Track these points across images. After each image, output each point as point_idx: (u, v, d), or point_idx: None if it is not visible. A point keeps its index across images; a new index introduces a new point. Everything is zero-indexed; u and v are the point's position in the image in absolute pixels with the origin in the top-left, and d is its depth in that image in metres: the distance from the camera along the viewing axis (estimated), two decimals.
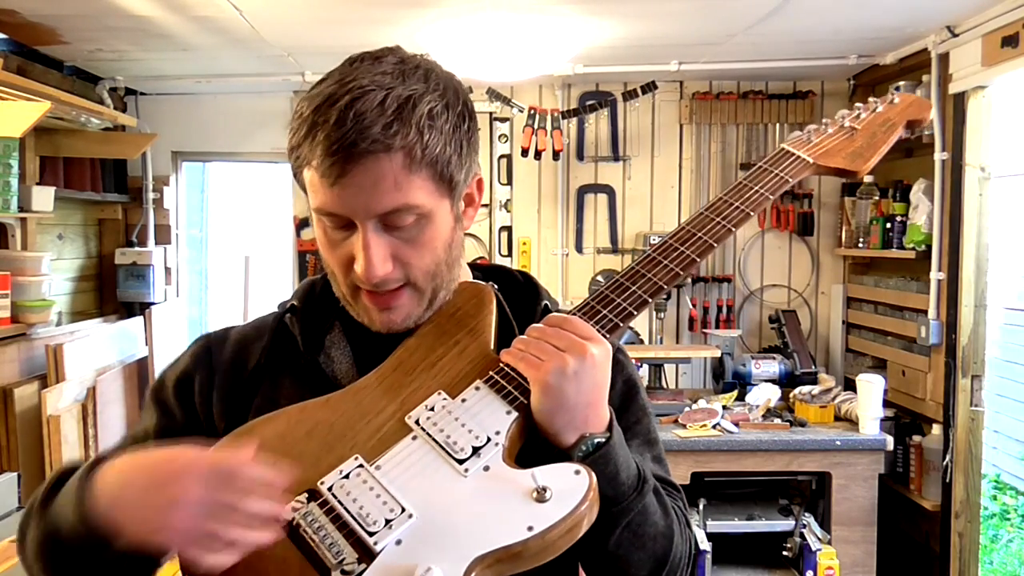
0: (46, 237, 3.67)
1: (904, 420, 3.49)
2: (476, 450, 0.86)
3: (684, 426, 3.23)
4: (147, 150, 4.07)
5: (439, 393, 0.92)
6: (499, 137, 4.23)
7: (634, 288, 0.97)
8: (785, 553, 3.19)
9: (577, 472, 0.84)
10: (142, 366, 3.83)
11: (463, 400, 0.91)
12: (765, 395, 3.46)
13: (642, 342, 4.16)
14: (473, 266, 1.10)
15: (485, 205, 4.24)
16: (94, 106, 3.55)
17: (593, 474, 0.83)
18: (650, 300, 0.96)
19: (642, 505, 0.90)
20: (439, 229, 0.95)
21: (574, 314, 0.94)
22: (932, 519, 3.29)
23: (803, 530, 3.15)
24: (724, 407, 3.40)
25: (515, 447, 0.89)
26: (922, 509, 3.31)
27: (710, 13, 3.05)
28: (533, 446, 0.89)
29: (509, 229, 4.27)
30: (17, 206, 3.14)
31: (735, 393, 3.61)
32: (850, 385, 3.57)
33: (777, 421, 3.27)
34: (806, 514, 3.21)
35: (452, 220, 0.97)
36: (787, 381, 3.67)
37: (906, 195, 3.51)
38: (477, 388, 0.92)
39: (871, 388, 3.17)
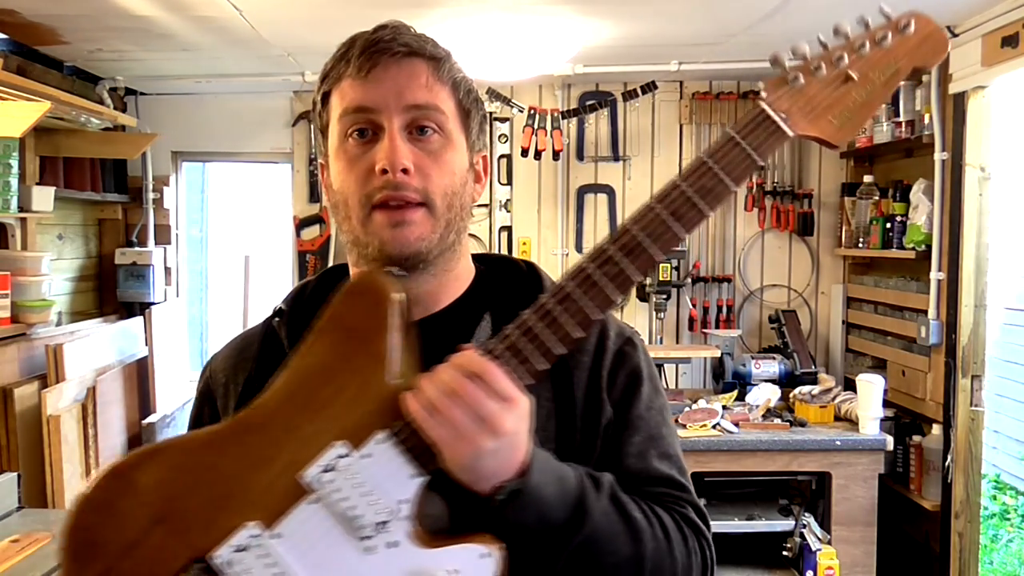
0: (46, 237, 3.67)
1: (904, 420, 3.49)
2: (381, 524, 0.80)
3: (684, 426, 3.23)
4: (147, 150, 4.07)
5: (337, 445, 0.82)
6: (499, 137, 4.23)
7: (563, 319, 0.83)
8: (785, 553, 3.19)
9: (484, 556, 0.81)
10: (142, 366, 3.83)
11: (364, 457, 0.81)
12: (765, 395, 3.46)
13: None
14: (476, 256, 1.08)
15: (485, 205, 4.24)
16: (94, 106, 3.55)
17: (501, 557, 0.81)
18: (583, 334, 0.84)
19: (584, 538, 0.85)
20: (457, 158, 0.97)
21: (496, 354, 0.83)
22: (932, 519, 3.28)
23: (803, 530, 3.15)
24: (724, 407, 3.40)
25: (423, 508, 0.83)
26: (922, 509, 3.31)
27: (710, 13, 3.05)
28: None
29: (509, 229, 4.27)
30: (17, 206, 3.14)
31: (735, 393, 3.61)
32: (850, 385, 3.57)
33: (777, 421, 3.27)
34: (806, 514, 3.21)
35: (467, 163, 0.99)
36: (787, 381, 3.67)
37: (906, 195, 3.51)
38: (380, 442, 0.82)
39: (871, 388, 3.17)
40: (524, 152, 4.03)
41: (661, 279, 3.90)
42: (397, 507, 0.81)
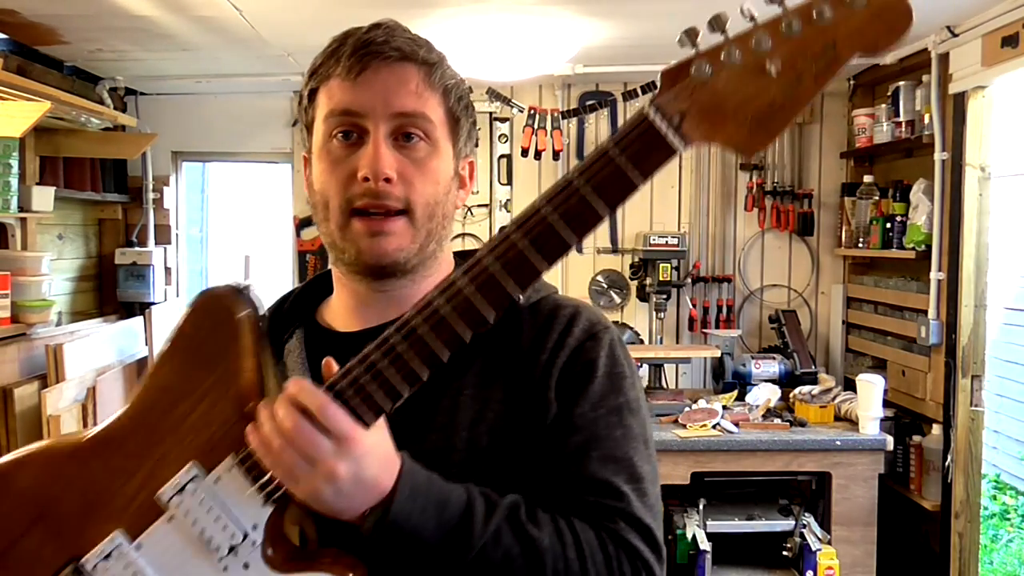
0: (46, 237, 3.67)
1: (904, 420, 3.49)
2: (233, 548, 0.80)
3: (684, 426, 3.23)
4: (147, 150, 4.07)
5: (191, 467, 0.82)
6: (499, 137, 4.23)
7: (408, 356, 0.78)
8: (785, 553, 3.19)
9: None
10: (142, 366, 3.83)
11: (216, 480, 0.81)
12: (765, 395, 3.46)
13: (642, 342, 4.16)
14: (457, 254, 1.05)
15: (485, 205, 4.24)
16: (94, 106, 3.55)
17: None
18: (428, 373, 0.78)
19: (469, 563, 0.82)
20: (442, 166, 0.95)
21: (337, 389, 0.79)
22: (932, 519, 3.28)
23: (803, 530, 3.15)
24: (724, 407, 3.40)
25: (278, 531, 0.82)
26: (922, 509, 3.31)
27: (710, 13, 3.04)
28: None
29: None
30: (17, 206, 3.14)
31: (735, 393, 3.61)
32: (850, 385, 3.57)
33: (777, 421, 3.27)
34: (806, 514, 3.21)
35: (452, 171, 0.98)
36: (787, 381, 3.67)
37: (906, 195, 3.51)
38: (228, 468, 0.81)
39: (871, 388, 3.17)
40: (524, 152, 4.03)
41: (661, 279, 3.90)
42: (250, 531, 0.80)
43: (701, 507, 3.21)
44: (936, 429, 3.25)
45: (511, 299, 0.77)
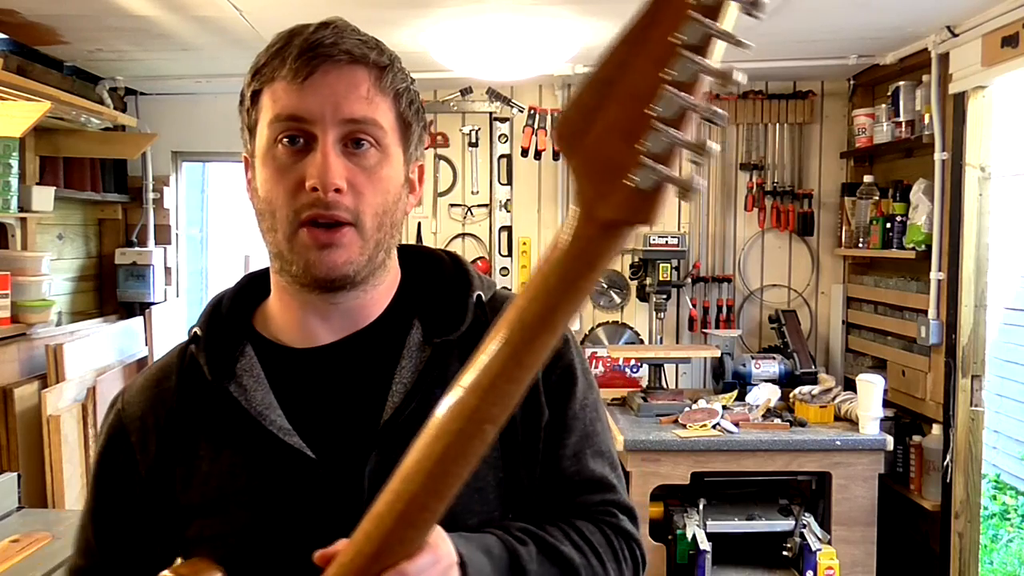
0: (46, 237, 3.67)
1: (904, 420, 3.49)
2: None
3: (684, 426, 3.23)
4: (147, 150, 4.07)
5: None
6: (499, 137, 4.23)
7: None
8: (785, 553, 3.19)
9: None
10: (142, 366, 3.83)
11: None
12: (765, 395, 3.46)
13: (642, 342, 4.16)
14: (400, 249, 1.02)
15: (485, 205, 4.24)
16: (94, 106, 3.55)
17: None
18: None
19: None
20: (393, 173, 0.92)
21: None
22: (932, 519, 3.28)
23: (803, 530, 3.15)
24: (724, 407, 3.40)
25: None
26: (922, 509, 3.31)
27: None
28: None
29: (509, 229, 4.27)
30: (17, 206, 3.14)
31: (735, 393, 3.61)
32: (850, 385, 3.57)
33: (777, 421, 3.27)
34: (806, 514, 3.21)
35: (403, 177, 0.94)
36: (787, 381, 3.67)
37: (906, 195, 3.51)
38: None
39: (871, 388, 3.17)
40: (524, 152, 4.02)
41: (661, 279, 3.90)
42: None
43: (701, 507, 3.22)
44: (936, 429, 3.25)
45: None
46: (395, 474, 0.69)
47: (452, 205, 4.25)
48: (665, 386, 3.85)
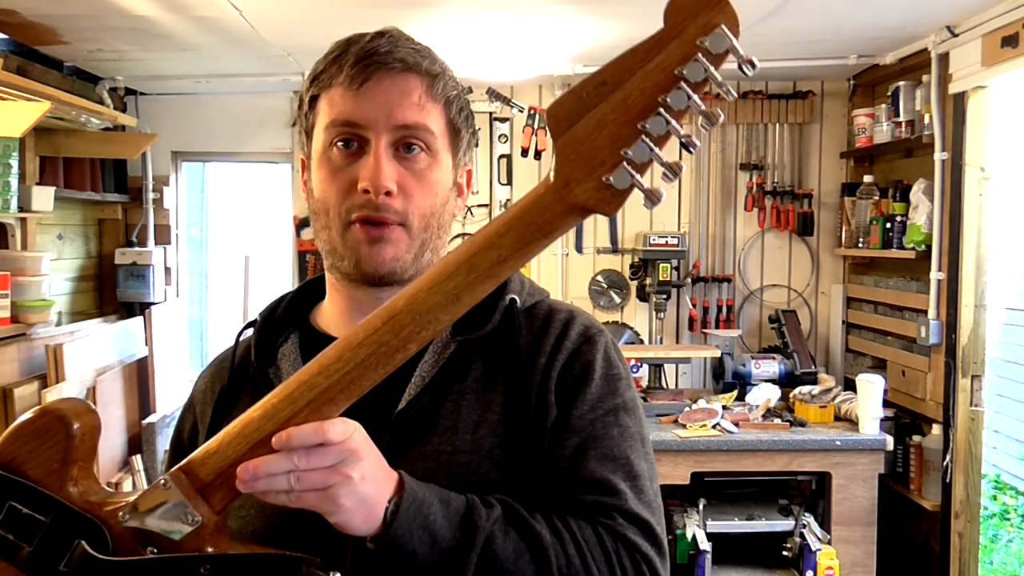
0: (46, 237, 3.67)
1: (904, 420, 3.49)
2: None
3: (684, 426, 3.23)
4: (147, 150, 4.07)
5: None
6: (499, 137, 4.23)
7: None
8: (785, 553, 3.19)
9: None
10: (142, 366, 3.83)
11: None
12: (765, 395, 3.46)
13: (642, 342, 4.16)
14: None
15: (485, 205, 4.24)
16: (94, 106, 3.55)
17: None
18: None
19: (480, 557, 0.81)
20: (442, 177, 0.96)
21: None
22: (932, 519, 3.28)
23: (803, 530, 3.15)
24: (724, 407, 3.40)
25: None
26: (922, 509, 3.31)
27: None
28: None
29: None
30: (17, 206, 3.14)
31: (735, 393, 3.61)
32: (850, 385, 3.57)
33: (777, 421, 3.27)
34: (806, 514, 3.21)
35: (451, 181, 0.99)
36: (787, 381, 3.67)
37: (906, 195, 3.51)
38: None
39: (871, 388, 3.17)
40: (524, 152, 4.02)
41: (661, 279, 3.90)
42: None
43: (701, 507, 3.22)
44: (936, 429, 3.25)
45: None
46: (313, 366, 0.77)
47: None
48: (665, 386, 3.85)
